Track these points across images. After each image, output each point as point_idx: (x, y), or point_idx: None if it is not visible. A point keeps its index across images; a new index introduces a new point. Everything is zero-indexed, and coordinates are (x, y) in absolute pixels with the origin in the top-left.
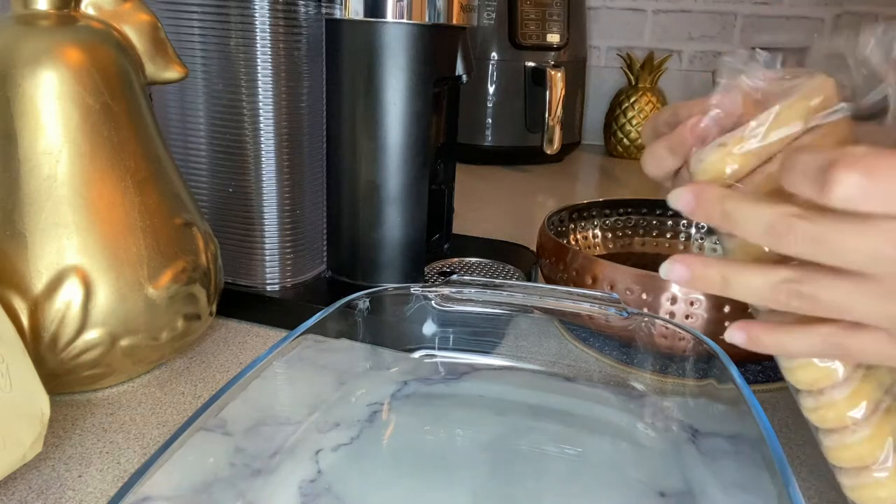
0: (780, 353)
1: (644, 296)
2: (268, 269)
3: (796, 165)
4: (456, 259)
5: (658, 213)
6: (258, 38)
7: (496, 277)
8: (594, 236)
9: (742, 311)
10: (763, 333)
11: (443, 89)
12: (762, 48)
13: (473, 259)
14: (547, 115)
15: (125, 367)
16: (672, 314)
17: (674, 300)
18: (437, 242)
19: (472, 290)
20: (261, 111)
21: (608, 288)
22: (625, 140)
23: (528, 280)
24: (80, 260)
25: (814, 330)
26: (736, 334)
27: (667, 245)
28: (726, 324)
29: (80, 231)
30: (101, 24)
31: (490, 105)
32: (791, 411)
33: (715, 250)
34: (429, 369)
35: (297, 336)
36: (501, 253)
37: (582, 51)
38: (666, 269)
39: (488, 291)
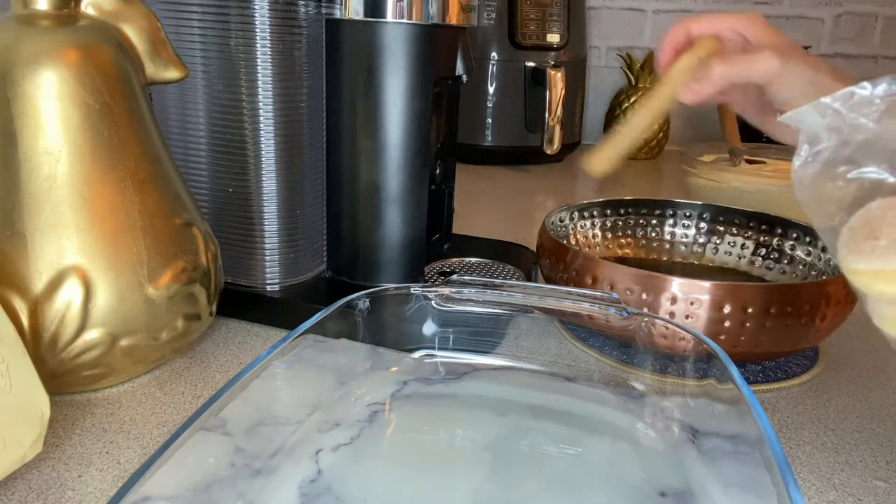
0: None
1: (644, 296)
2: (268, 269)
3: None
4: (456, 259)
5: (658, 213)
6: (258, 38)
7: (496, 277)
8: (594, 236)
9: (742, 310)
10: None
11: (443, 89)
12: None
13: (473, 259)
14: (547, 115)
15: (125, 367)
16: (672, 314)
17: (674, 300)
18: (437, 242)
19: (472, 290)
20: (261, 111)
21: (608, 288)
22: None
23: (528, 280)
24: (80, 260)
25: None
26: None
27: (667, 245)
28: (726, 324)
29: (80, 231)
30: (101, 24)
31: (490, 105)
32: (791, 411)
33: (716, 251)
34: (429, 369)
35: (297, 336)
36: (501, 253)
37: (582, 51)
38: None
39: (488, 291)
